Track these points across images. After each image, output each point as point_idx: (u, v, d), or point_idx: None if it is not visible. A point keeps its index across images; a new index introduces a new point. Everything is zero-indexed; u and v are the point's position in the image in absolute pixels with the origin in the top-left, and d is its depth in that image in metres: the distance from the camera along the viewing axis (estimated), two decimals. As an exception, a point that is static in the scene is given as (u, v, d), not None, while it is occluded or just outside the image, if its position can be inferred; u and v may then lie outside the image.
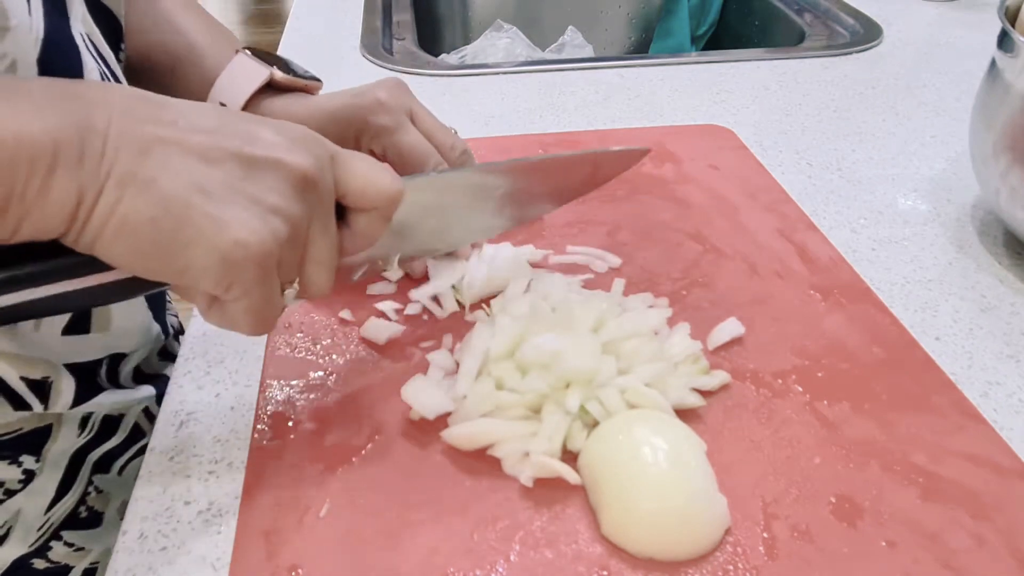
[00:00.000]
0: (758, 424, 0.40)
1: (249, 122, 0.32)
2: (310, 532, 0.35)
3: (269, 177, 0.31)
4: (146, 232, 0.29)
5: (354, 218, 0.35)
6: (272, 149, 0.31)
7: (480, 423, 0.38)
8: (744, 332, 0.45)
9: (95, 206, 0.28)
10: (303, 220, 0.32)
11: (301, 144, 0.32)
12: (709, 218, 0.56)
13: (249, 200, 0.30)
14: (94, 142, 0.28)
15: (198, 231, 0.29)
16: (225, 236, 0.29)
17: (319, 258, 0.33)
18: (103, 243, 0.29)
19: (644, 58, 0.98)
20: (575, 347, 0.39)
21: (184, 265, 0.29)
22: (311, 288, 0.34)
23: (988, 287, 0.51)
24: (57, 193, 0.27)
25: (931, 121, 0.72)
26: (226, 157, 0.30)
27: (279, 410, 0.41)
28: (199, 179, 0.29)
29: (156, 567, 0.34)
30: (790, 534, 0.35)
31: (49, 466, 0.45)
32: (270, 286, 0.31)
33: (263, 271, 0.30)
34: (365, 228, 0.35)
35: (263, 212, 0.30)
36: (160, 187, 0.28)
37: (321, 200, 0.33)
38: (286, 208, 0.31)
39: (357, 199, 0.34)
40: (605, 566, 0.34)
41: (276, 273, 0.31)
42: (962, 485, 0.37)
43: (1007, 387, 0.44)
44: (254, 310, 0.31)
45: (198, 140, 0.30)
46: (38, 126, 0.27)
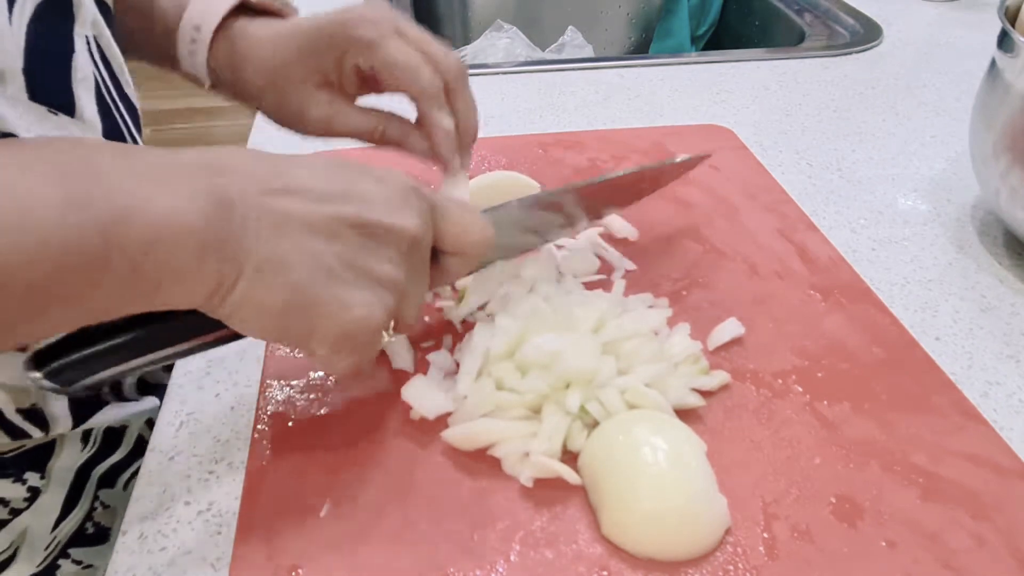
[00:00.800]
0: (758, 424, 0.40)
1: (362, 178, 0.34)
2: (310, 532, 0.35)
3: (383, 246, 0.34)
4: (278, 314, 0.31)
5: (446, 260, 0.38)
6: (385, 213, 0.34)
7: (480, 423, 0.38)
8: (744, 332, 0.45)
9: (232, 289, 0.30)
10: (408, 281, 0.35)
11: (407, 202, 0.34)
12: (709, 218, 0.56)
13: (366, 275, 0.33)
14: (235, 225, 0.30)
15: (325, 312, 0.32)
16: (347, 316, 0.32)
17: (412, 302, 0.36)
18: (236, 319, 0.31)
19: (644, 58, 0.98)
20: (575, 347, 0.39)
21: (308, 337, 0.32)
22: (404, 322, 0.37)
23: (988, 287, 0.51)
24: (204, 277, 0.29)
25: (931, 121, 0.72)
26: (345, 228, 0.33)
27: (279, 410, 0.41)
28: (325, 259, 0.32)
29: (156, 567, 0.34)
30: (790, 534, 0.35)
31: (54, 483, 0.45)
32: (375, 348, 0.35)
33: (373, 339, 0.34)
34: (455, 269, 0.39)
35: (378, 287, 0.33)
36: (292, 272, 0.31)
37: (423, 256, 0.36)
38: (395, 276, 0.34)
39: (452, 245, 0.37)
40: (605, 566, 0.34)
41: (380, 337, 0.34)
42: (962, 485, 0.37)
43: (1007, 387, 0.44)
44: (355, 364, 0.35)
45: (323, 212, 0.32)
46: (193, 211, 0.29)
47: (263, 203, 0.31)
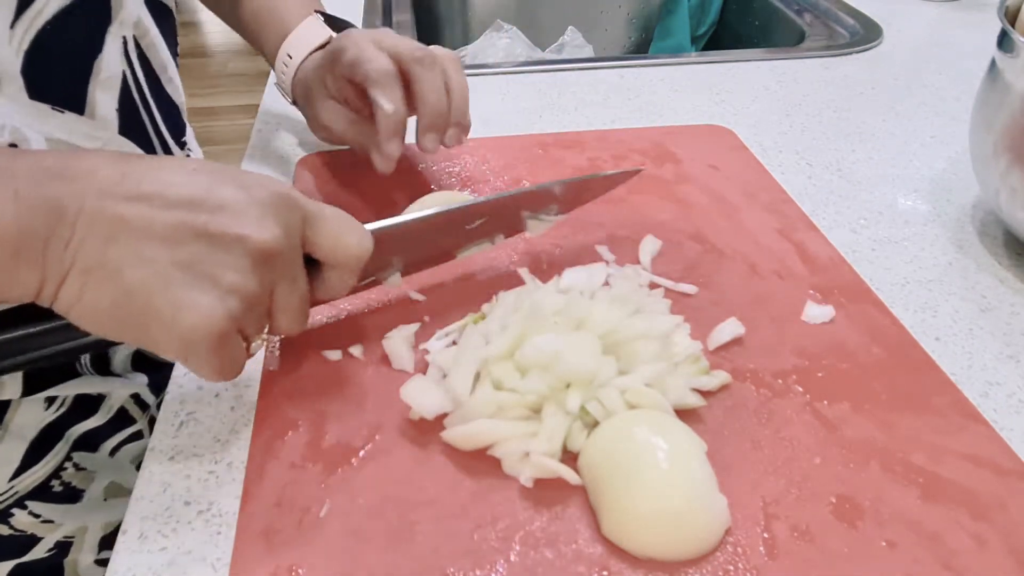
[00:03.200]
0: (758, 424, 0.40)
1: (224, 185, 0.33)
2: (310, 532, 0.35)
3: (230, 255, 0.32)
4: (109, 316, 0.31)
5: (325, 272, 0.38)
6: (238, 224, 0.33)
7: (480, 423, 0.38)
8: (744, 332, 0.45)
9: (59, 292, 0.30)
10: (262, 291, 0.34)
11: (271, 212, 0.34)
12: (709, 218, 0.56)
13: (208, 281, 0.32)
14: (62, 232, 0.30)
15: (157, 317, 0.31)
16: (182, 322, 0.31)
17: (286, 309, 0.36)
18: (72, 317, 0.31)
19: (644, 58, 0.98)
20: (575, 347, 0.39)
21: (146, 341, 0.32)
22: (281, 330, 0.37)
23: (988, 287, 0.51)
24: (21, 278, 0.30)
25: (931, 121, 0.72)
26: (190, 237, 0.32)
27: (279, 410, 0.41)
28: (160, 266, 0.31)
29: (156, 567, 0.34)
30: (790, 534, 0.35)
31: (13, 436, 0.45)
32: (227, 352, 0.33)
33: (218, 344, 0.32)
34: (335, 282, 0.38)
35: (220, 293, 0.32)
36: (122, 276, 0.31)
37: (285, 266, 0.35)
38: (243, 285, 0.33)
39: (327, 257, 0.37)
40: (605, 566, 0.34)
41: (233, 340, 0.33)
42: (962, 485, 0.37)
43: (1007, 387, 0.44)
44: (215, 370, 0.34)
45: (164, 220, 0.31)
46: (9, 213, 0.29)
47: (100, 208, 0.30)
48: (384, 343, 0.44)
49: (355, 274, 0.39)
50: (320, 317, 0.47)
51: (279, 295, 0.35)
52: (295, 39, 0.57)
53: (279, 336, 0.38)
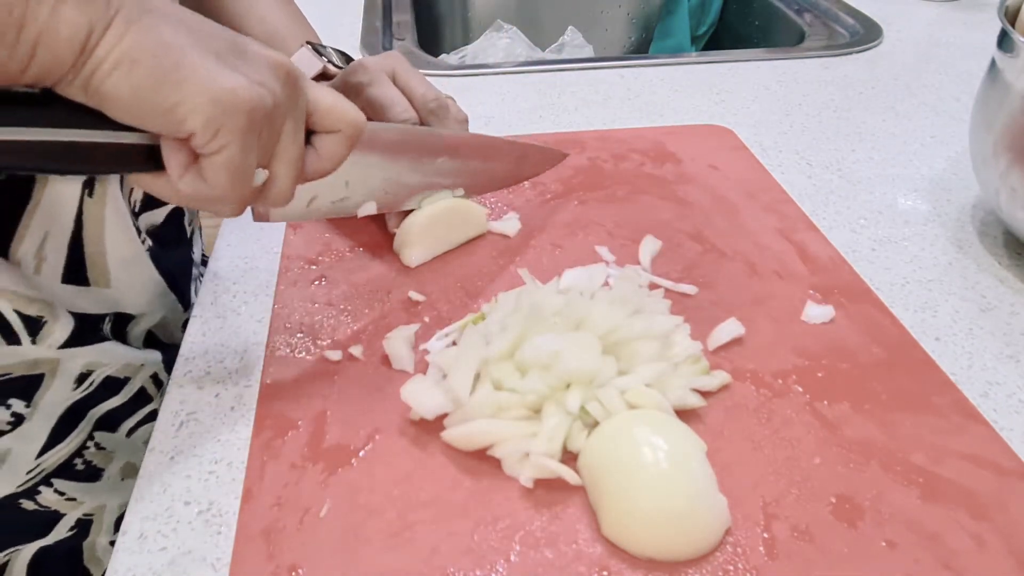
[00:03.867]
0: (758, 424, 0.40)
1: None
2: (310, 532, 0.35)
3: (256, 61, 0.34)
4: (146, 65, 0.30)
5: (319, 140, 0.38)
6: (258, 47, 0.34)
7: (480, 423, 0.38)
8: (744, 332, 0.45)
9: (102, 38, 0.30)
10: (282, 104, 0.34)
11: (281, 55, 0.35)
12: (709, 218, 0.56)
13: (239, 70, 0.32)
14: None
15: (194, 71, 0.31)
16: (218, 81, 0.31)
17: (287, 152, 0.36)
18: (101, 75, 0.30)
19: (644, 58, 0.98)
20: (575, 347, 0.39)
21: (176, 101, 0.31)
22: (277, 182, 0.36)
23: (988, 287, 0.51)
24: (68, 19, 0.29)
25: (931, 121, 0.72)
26: (219, 36, 0.33)
27: (279, 410, 0.41)
28: (196, 40, 0.32)
29: (156, 567, 0.34)
30: (790, 534, 0.35)
31: (40, 414, 0.46)
32: (250, 142, 0.33)
33: (248, 121, 0.32)
34: (328, 149, 0.38)
35: (251, 81, 0.32)
36: (161, 33, 0.31)
37: (297, 97, 0.35)
38: (271, 84, 0.33)
39: (323, 118, 0.37)
40: (605, 566, 0.34)
41: (256, 135, 0.33)
42: (962, 485, 0.37)
43: (1007, 387, 0.44)
44: (232, 167, 0.33)
45: (194, 19, 0.33)
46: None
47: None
48: (384, 343, 0.44)
49: (350, 144, 0.38)
50: (320, 317, 0.47)
51: (285, 131, 0.35)
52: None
53: (265, 203, 0.37)
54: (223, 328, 0.47)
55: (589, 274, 0.48)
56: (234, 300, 0.49)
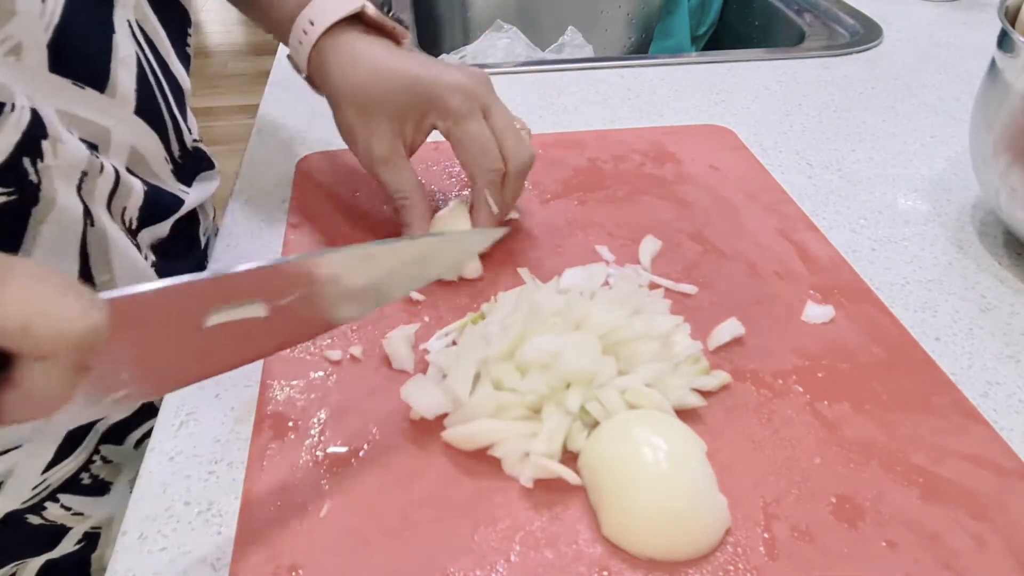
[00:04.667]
0: (758, 424, 0.40)
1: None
2: (310, 532, 0.35)
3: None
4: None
5: (21, 370, 0.24)
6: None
7: (480, 423, 0.38)
8: (744, 332, 0.45)
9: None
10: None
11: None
12: (709, 218, 0.56)
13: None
14: None
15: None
16: None
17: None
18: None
19: (644, 58, 0.98)
20: (575, 347, 0.39)
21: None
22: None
23: (988, 287, 0.51)
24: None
25: (931, 121, 0.72)
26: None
27: (279, 410, 0.41)
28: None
29: (156, 567, 0.34)
30: (790, 534, 0.35)
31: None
32: None
33: None
34: (38, 385, 0.24)
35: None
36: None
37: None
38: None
39: (16, 342, 0.23)
40: (605, 566, 0.34)
41: None
42: (962, 485, 0.37)
43: (1007, 387, 0.44)
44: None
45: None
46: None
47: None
48: (384, 343, 0.44)
49: (74, 371, 0.24)
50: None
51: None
52: (320, 4, 0.49)
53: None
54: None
55: (589, 274, 0.48)
56: (234, 300, 0.49)
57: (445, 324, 0.46)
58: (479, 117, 0.47)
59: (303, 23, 0.50)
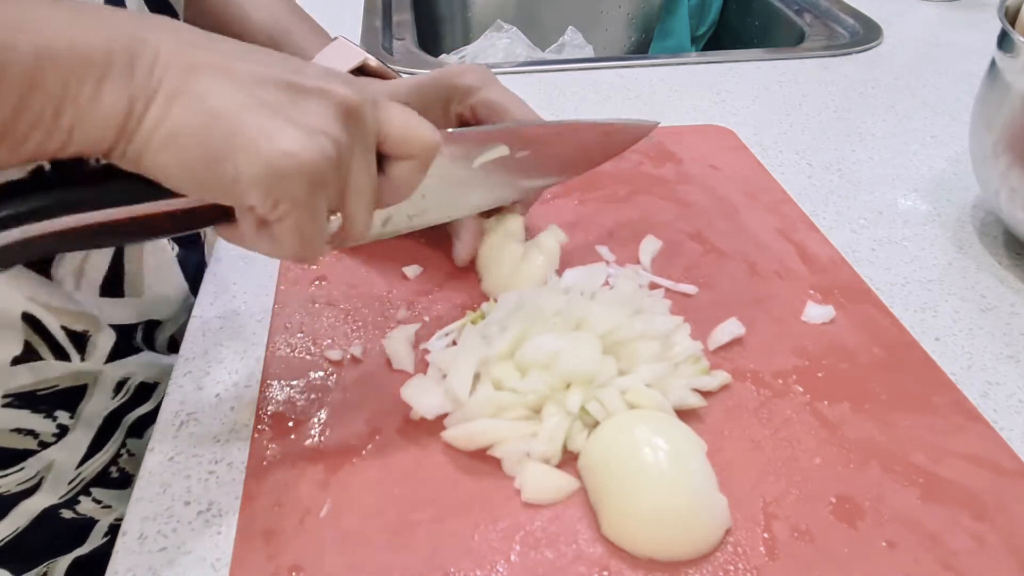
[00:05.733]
0: (758, 424, 0.40)
1: (294, 60, 0.32)
2: (310, 532, 0.35)
3: (315, 103, 0.31)
4: (195, 140, 0.29)
5: (392, 167, 0.34)
6: (318, 80, 0.31)
7: (481, 423, 0.38)
8: (744, 332, 0.45)
9: (144, 116, 0.28)
10: (347, 146, 0.32)
11: (346, 80, 0.32)
12: (709, 218, 0.56)
13: (296, 121, 0.30)
14: (145, 56, 0.28)
15: (247, 139, 0.29)
16: (274, 145, 0.29)
17: (360, 191, 0.33)
18: (150, 153, 0.29)
19: (644, 58, 0.98)
20: (575, 347, 0.39)
21: (232, 176, 0.29)
22: (352, 223, 0.34)
23: (988, 287, 0.51)
24: (108, 100, 0.28)
25: (931, 121, 0.72)
26: (273, 83, 0.30)
27: (279, 410, 0.41)
28: (247, 99, 0.29)
29: (156, 567, 0.34)
30: (790, 534, 0.35)
31: (83, 424, 0.46)
32: (317, 203, 0.31)
33: (310, 186, 0.30)
34: (402, 177, 0.35)
35: (310, 131, 0.30)
36: (209, 101, 0.29)
37: (364, 132, 0.33)
38: (332, 131, 0.31)
39: (396, 145, 0.34)
40: (605, 566, 0.34)
41: (322, 192, 0.31)
42: (962, 485, 0.37)
43: (1007, 387, 0.44)
44: (300, 229, 0.31)
45: (245, 67, 0.30)
46: (92, 36, 0.28)
47: (182, 49, 0.29)
48: (384, 343, 0.44)
49: (423, 170, 0.35)
50: (320, 317, 0.47)
51: (355, 170, 0.32)
52: (324, 62, 0.51)
53: (344, 243, 0.35)
54: (223, 328, 0.47)
55: (589, 274, 0.47)
56: (234, 300, 0.49)
57: (445, 324, 0.46)
58: (496, 83, 0.48)
59: None
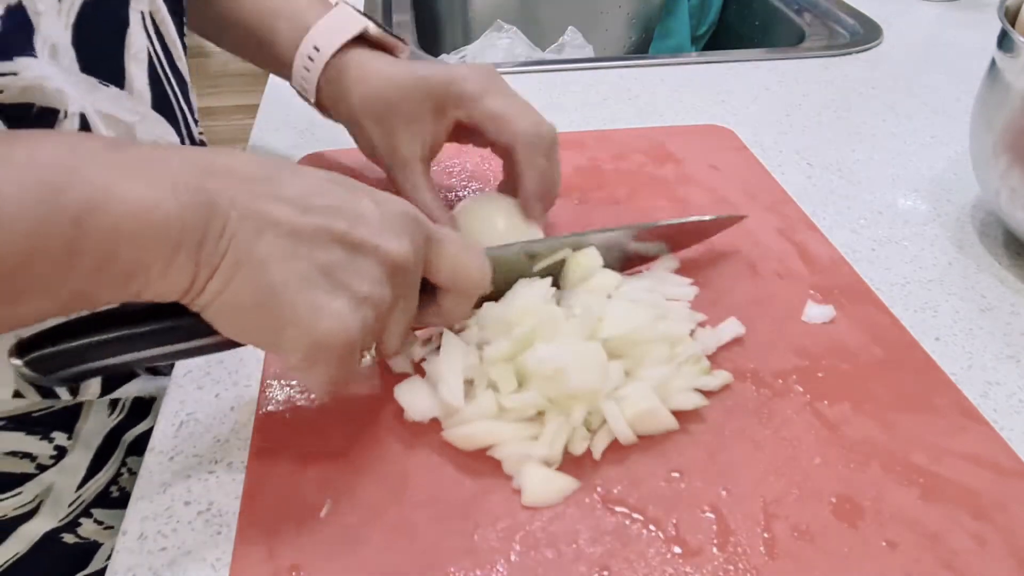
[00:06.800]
0: (759, 424, 0.40)
1: (355, 195, 0.34)
2: (310, 532, 0.35)
3: (367, 264, 0.33)
4: (249, 313, 0.31)
5: (442, 297, 0.38)
6: (375, 234, 0.33)
7: (481, 424, 0.38)
8: (744, 332, 0.45)
9: (207, 285, 0.30)
10: (390, 303, 0.34)
11: (400, 227, 0.34)
12: (709, 218, 0.56)
13: (345, 288, 0.32)
14: (215, 224, 0.30)
15: (296, 317, 0.31)
16: (320, 325, 0.32)
17: (396, 329, 0.36)
18: (210, 315, 0.31)
19: (644, 58, 0.98)
20: (580, 362, 0.38)
21: (279, 342, 0.32)
22: (386, 347, 0.37)
23: (988, 287, 0.51)
24: (176, 271, 0.30)
25: (931, 121, 0.72)
26: (331, 241, 0.32)
27: (279, 410, 0.41)
28: (303, 266, 0.32)
29: (156, 567, 0.34)
30: (791, 534, 0.35)
31: (81, 444, 0.46)
32: (350, 365, 0.34)
33: (347, 355, 0.33)
34: (451, 308, 0.38)
35: (356, 302, 0.33)
36: (268, 272, 0.31)
37: (408, 283, 0.35)
38: (377, 296, 0.33)
39: (446, 281, 0.37)
40: (606, 566, 0.34)
41: (357, 351, 0.33)
42: (962, 485, 0.37)
43: (1007, 387, 0.44)
44: (332, 380, 0.34)
45: (308, 222, 0.32)
46: (172, 205, 0.29)
47: (249, 206, 0.31)
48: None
49: (472, 300, 0.38)
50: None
51: (395, 312, 0.35)
52: (324, 29, 0.50)
53: (377, 358, 0.38)
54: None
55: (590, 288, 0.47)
56: (234, 300, 0.49)
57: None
58: (494, 92, 0.48)
59: (307, 50, 0.51)
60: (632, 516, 0.36)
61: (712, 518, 0.35)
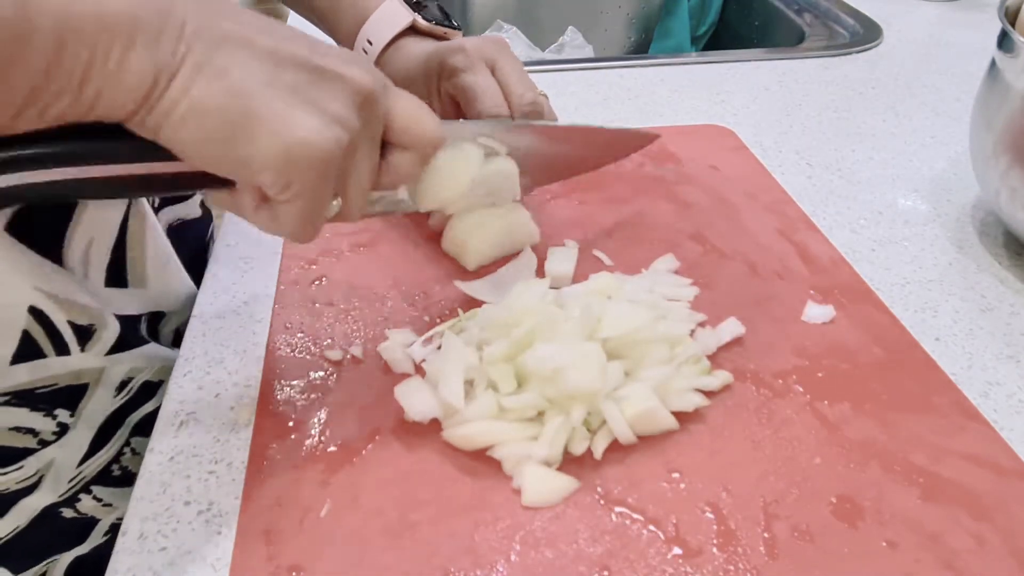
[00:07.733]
0: (759, 424, 0.40)
1: (316, 40, 0.33)
2: (311, 532, 0.35)
3: (334, 87, 0.31)
4: (214, 117, 0.29)
5: (392, 154, 0.36)
6: (337, 63, 0.32)
7: (481, 424, 0.38)
8: (744, 332, 0.45)
9: (168, 87, 0.28)
10: (359, 134, 0.33)
11: (363, 63, 0.33)
12: (709, 218, 0.56)
13: (314, 104, 0.31)
14: (172, 25, 0.28)
15: (266, 123, 0.29)
16: (291, 132, 0.30)
17: (361, 176, 0.34)
18: (170, 126, 0.29)
19: (644, 58, 0.98)
20: (579, 363, 0.38)
21: (247, 156, 0.30)
22: (349, 205, 0.35)
23: (988, 287, 0.51)
24: (135, 69, 0.28)
25: (931, 121, 0.72)
26: (294, 62, 0.31)
27: (279, 410, 0.41)
28: (269, 77, 0.30)
29: (156, 567, 0.34)
30: (791, 534, 0.35)
31: (83, 422, 0.46)
32: (325, 190, 0.32)
33: (322, 173, 0.31)
34: (401, 166, 0.36)
35: (328, 120, 0.31)
36: (232, 77, 0.29)
37: (374, 121, 0.34)
38: (347, 119, 0.32)
39: (399, 135, 0.35)
40: (606, 566, 0.34)
41: (331, 178, 0.32)
42: (963, 485, 0.37)
43: (1007, 387, 0.44)
44: (305, 213, 0.32)
45: (269, 43, 0.30)
46: (118, 2, 0.27)
47: (209, 20, 0.29)
48: (380, 350, 0.44)
49: (424, 161, 0.37)
50: (320, 317, 0.47)
51: (360, 157, 0.33)
52: (375, 23, 0.53)
53: (336, 220, 0.36)
54: (223, 328, 0.47)
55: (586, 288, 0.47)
56: (234, 300, 0.49)
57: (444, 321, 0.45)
58: (479, 70, 0.48)
59: (362, 43, 0.53)
60: (632, 516, 0.36)
61: (712, 518, 0.36)
